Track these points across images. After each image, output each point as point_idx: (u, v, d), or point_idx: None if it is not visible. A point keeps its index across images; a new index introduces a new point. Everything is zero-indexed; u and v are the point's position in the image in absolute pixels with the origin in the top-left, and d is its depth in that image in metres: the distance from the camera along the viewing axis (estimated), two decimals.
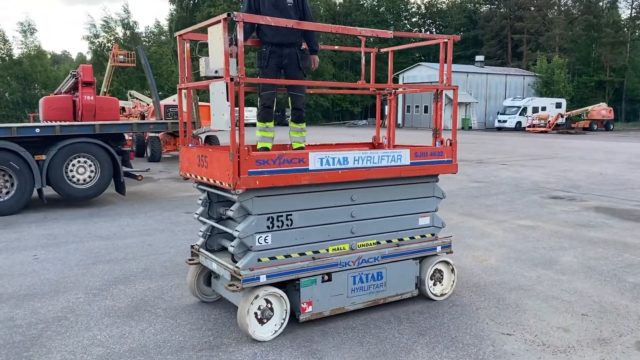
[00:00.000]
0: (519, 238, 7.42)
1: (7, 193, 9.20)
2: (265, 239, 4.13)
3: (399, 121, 52.53)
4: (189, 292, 5.06)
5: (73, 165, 9.68)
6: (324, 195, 4.40)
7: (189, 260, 4.89)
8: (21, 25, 54.96)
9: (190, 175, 4.66)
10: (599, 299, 5.03)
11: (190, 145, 4.77)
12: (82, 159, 9.75)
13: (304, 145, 5.38)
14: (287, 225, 4.23)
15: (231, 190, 3.94)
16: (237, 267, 4.08)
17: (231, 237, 4.43)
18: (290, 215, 4.24)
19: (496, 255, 6.53)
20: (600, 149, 24.24)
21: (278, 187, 4.13)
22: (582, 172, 15.03)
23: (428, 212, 4.98)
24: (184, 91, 4.85)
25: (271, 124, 5.21)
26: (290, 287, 4.32)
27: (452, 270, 5.06)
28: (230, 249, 4.20)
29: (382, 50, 6.01)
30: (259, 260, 4.10)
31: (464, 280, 5.55)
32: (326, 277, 4.38)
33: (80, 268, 6.08)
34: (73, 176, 9.69)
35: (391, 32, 4.78)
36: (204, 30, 4.30)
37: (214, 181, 4.21)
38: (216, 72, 4.34)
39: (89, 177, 9.84)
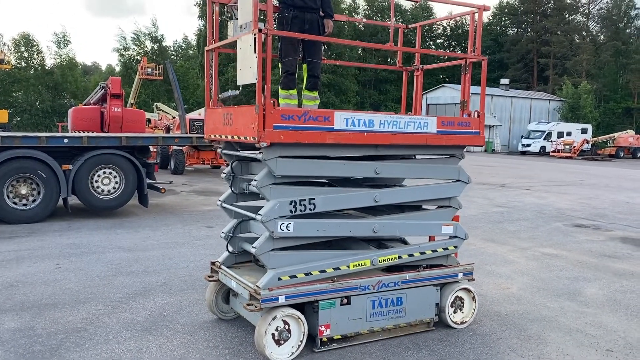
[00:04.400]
0: (542, 267, 7.29)
1: (34, 201, 9.38)
2: (287, 226, 4.08)
3: None
4: (207, 309, 5.06)
5: (98, 175, 9.83)
6: (347, 166, 4.38)
7: (209, 276, 4.90)
8: (56, 36, 56.29)
9: (215, 136, 4.63)
10: (624, 335, 4.89)
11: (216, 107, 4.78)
12: (107, 170, 9.90)
13: None
14: (310, 209, 4.17)
15: (255, 143, 3.88)
16: (257, 286, 4.07)
17: (252, 241, 4.43)
18: (313, 199, 4.19)
19: (518, 284, 6.41)
20: (627, 176, 23.79)
21: (302, 147, 4.10)
22: (608, 200, 14.75)
23: (452, 208, 4.92)
24: (211, 55, 4.78)
25: (294, 92, 5.08)
26: (308, 309, 4.29)
27: (474, 298, 4.98)
28: (252, 250, 4.18)
29: (410, 26, 5.95)
30: (279, 279, 4.09)
31: (485, 308, 5.45)
32: (345, 301, 4.35)
33: (101, 279, 6.13)
34: (98, 187, 9.84)
35: None
36: None
37: (239, 137, 4.16)
38: (242, 27, 4.27)
39: (114, 188, 9.98)
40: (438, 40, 74.25)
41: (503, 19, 71.93)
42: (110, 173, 9.94)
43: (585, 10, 65.52)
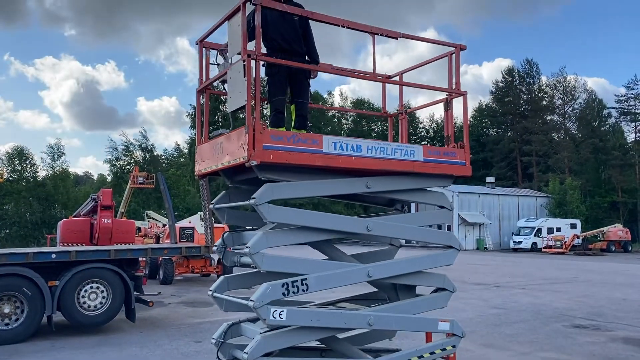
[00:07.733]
0: None
1: (17, 320, 9.03)
2: (280, 314, 3.95)
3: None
4: None
5: (85, 291, 9.58)
6: (338, 219, 4.42)
7: None
8: (50, 149, 57.62)
9: (205, 169, 4.66)
10: None
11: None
12: (94, 285, 9.67)
13: None
14: (303, 290, 4.06)
15: (246, 163, 3.89)
16: None
17: (244, 347, 4.27)
18: (306, 280, 4.08)
19: None
20: (621, 271, 23.67)
21: (293, 182, 4.13)
22: (604, 298, 14.54)
23: (448, 292, 4.90)
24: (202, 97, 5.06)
25: (283, 129, 5.06)
26: None
27: None
28: (244, 356, 4.03)
29: (392, 77, 6.09)
30: None
31: None
32: None
33: None
34: (84, 302, 9.55)
35: (400, 32, 4.90)
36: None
37: (229, 162, 4.19)
38: (231, 64, 4.49)
39: (100, 303, 9.70)
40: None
41: (484, 120, 74.94)
42: (98, 287, 9.70)
43: (561, 110, 68.64)
